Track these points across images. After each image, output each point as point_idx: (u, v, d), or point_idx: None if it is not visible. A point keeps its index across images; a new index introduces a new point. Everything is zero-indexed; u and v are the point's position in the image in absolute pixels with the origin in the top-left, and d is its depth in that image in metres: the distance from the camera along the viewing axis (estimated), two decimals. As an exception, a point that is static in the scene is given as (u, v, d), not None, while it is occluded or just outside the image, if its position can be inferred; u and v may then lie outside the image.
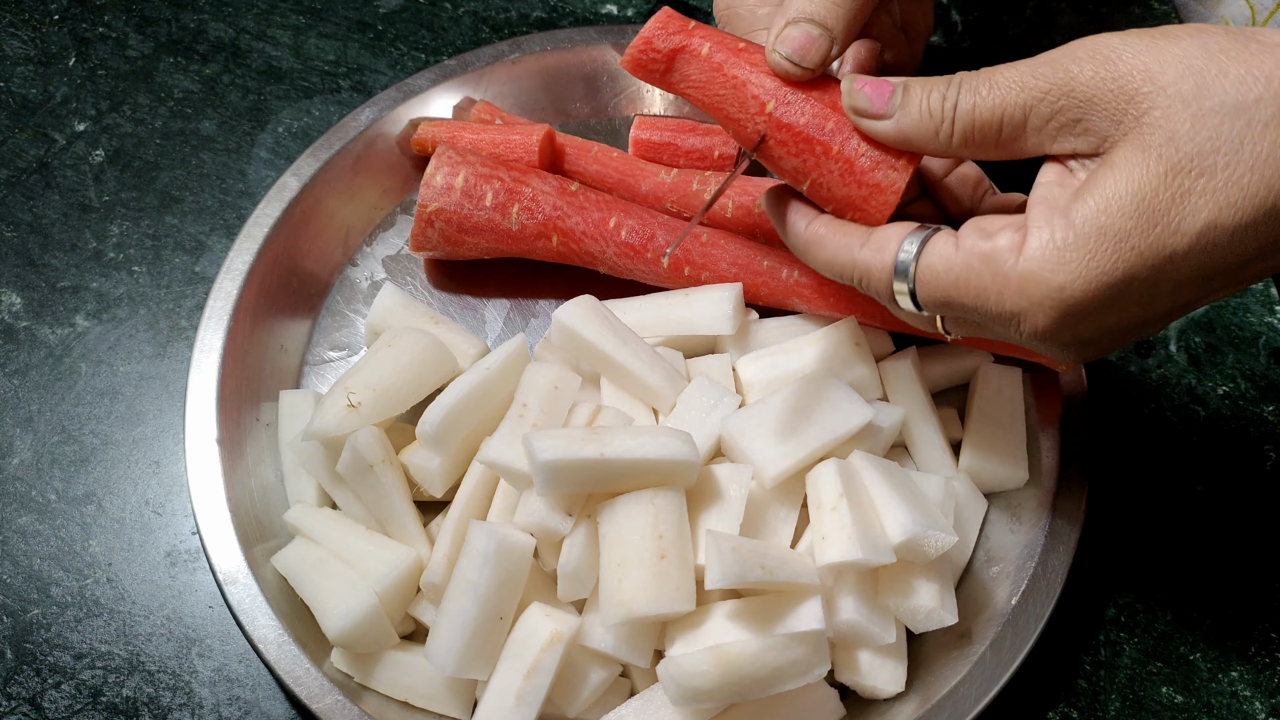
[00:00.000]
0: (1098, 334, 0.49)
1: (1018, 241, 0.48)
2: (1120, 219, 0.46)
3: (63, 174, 0.76)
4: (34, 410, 0.68)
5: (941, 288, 0.51)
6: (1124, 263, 0.46)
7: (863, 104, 0.52)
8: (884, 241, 0.53)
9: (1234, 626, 0.65)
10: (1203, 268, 0.46)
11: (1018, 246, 0.48)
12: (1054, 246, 0.47)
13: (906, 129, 0.52)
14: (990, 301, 0.49)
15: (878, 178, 0.54)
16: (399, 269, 0.73)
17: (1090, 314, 0.47)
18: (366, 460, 0.59)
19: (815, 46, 0.55)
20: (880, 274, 0.53)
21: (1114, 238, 0.46)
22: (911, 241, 0.52)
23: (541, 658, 0.55)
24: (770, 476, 0.59)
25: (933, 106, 0.51)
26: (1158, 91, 0.45)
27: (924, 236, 0.52)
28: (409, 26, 0.84)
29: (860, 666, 0.58)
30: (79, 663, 0.62)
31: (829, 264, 0.55)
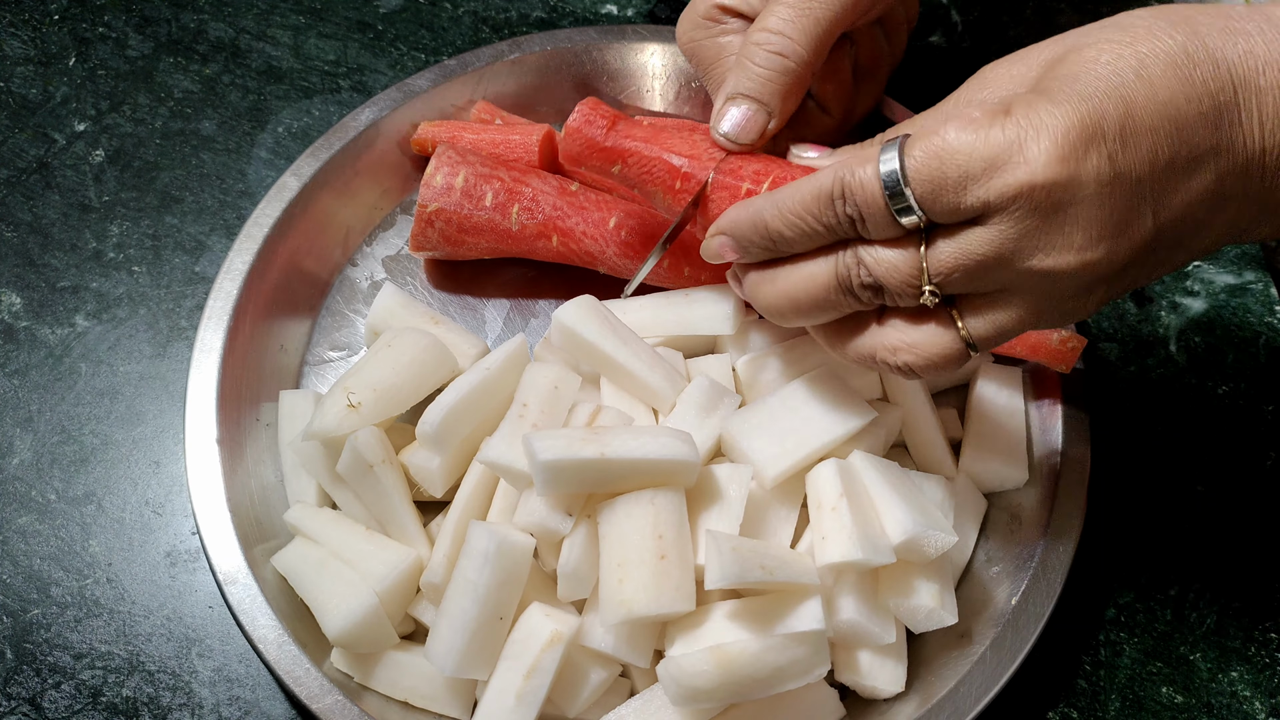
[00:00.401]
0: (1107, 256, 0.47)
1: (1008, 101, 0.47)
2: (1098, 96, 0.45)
3: (63, 174, 0.76)
4: (34, 410, 0.68)
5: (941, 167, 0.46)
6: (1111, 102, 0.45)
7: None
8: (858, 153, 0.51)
9: (1234, 626, 0.65)
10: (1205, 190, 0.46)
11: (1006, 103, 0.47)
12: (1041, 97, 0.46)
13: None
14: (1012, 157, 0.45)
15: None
16: (399, 269, 0.73)
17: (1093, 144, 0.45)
18: (366, 460, 0.59)
19: (753, 123, 0.58)
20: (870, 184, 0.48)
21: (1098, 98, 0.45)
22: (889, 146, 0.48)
23: (541, 658, 0.55)
24: (770, 477, 0.59)
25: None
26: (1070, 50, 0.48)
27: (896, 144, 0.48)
28: (409, 26, 0.84)
29: (860, 666, 0.58)
30: (79, 663, 0.62)
31: (804, 202, 0.50)
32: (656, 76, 0.78)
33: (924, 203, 0.47)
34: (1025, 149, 0.45)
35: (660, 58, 0.78)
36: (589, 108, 0.61)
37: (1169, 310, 0.74)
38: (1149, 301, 0.74)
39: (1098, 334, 0.73)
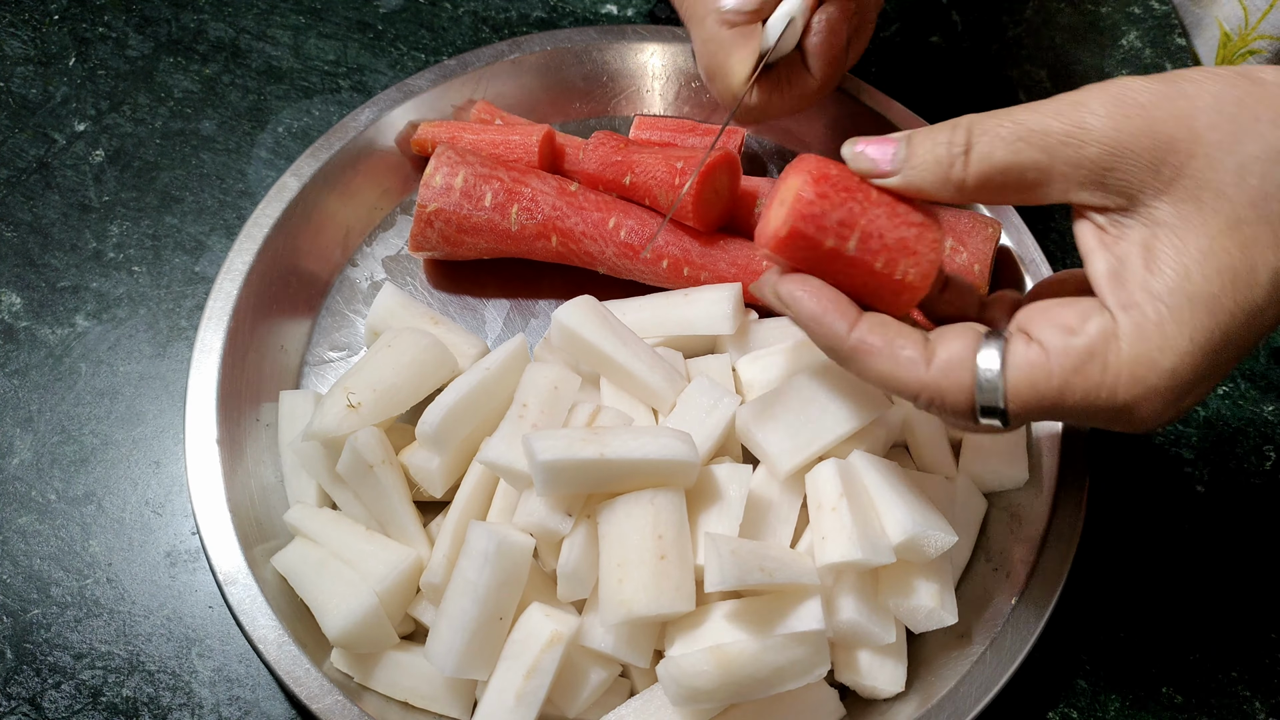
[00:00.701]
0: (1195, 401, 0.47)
1: (1109, 328, 0.46)
2: (1204, 283, 0.44)
3: (62, 174, 0.76)
4: (34, 410, 0.68)
5: (1042, 398, 0.47)
6: (1220, 326, 0.45)
7: (866, 166, 0.50)
8: (954, 360, 0.48)
9: (1234, 626, 0.65)
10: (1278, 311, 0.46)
11: (1112, 333, 0.45)
12: (1153, 326, 0.45)
13: (916, 180, 0.49)
14: (1101, 399, 0.46)
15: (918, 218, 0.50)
16: (399, 269, 0.73)
17: (1197, 384, 0.46)
18: (366, 461, 0.59)
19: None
20: (960, 397, 0.48)
21: (1205, 303, 0.44)
22: (988, 356, 0.48)
23: (541, 658, 0.55)
24: (784, 470, 0.59)
25: (939, 154, 0.48)
26: (1195, 139, 0.44)
27: (998, 347, 0.48)
28: (409, 26, 0.84)
29: (860, 666, 0.58)
30: (79, 663, 0.62)
31: (883, 379, 0.50)
32: (656, 77, 0.78)
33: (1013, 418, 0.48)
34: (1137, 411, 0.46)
35: (660, 58, 0.78)
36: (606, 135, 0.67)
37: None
38: None
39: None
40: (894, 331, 0.49)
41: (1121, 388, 0.46)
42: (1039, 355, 0.47)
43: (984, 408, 0.48)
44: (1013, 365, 0.47)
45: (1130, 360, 0.45)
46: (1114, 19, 0.86)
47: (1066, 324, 0.47)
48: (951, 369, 0.48)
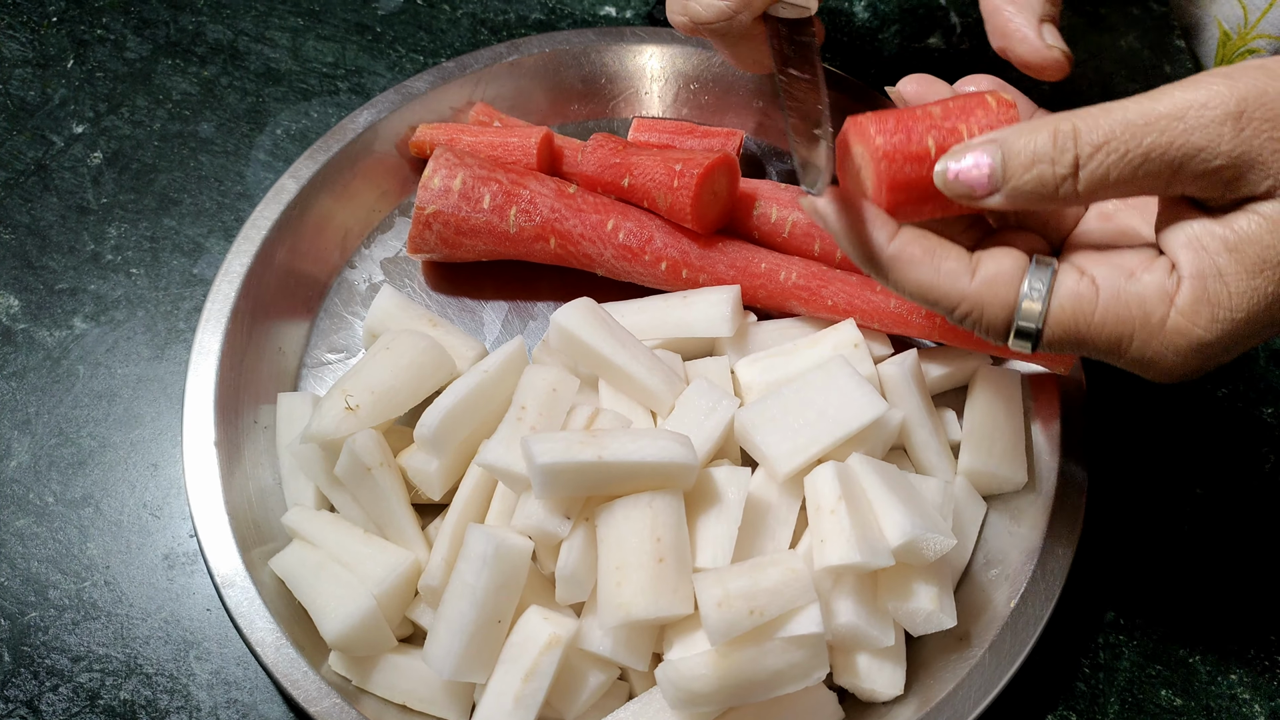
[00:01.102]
0: (1209, 366, 0.48)
1: (1169, 289, 0.46)
2: (1274, 283, 0.45)
3: (61, 176, 0.76)
4: (32, 413, 0.68)
5: (1078, 330, 0.47)
6: (1258, 314, 0.45)
7: (963, 192, 0.48)
8: (1001, 276, 0.48)
9: (1233, 629, 0.65)
10: None
11: (1169, 295, 0.46)
12: (1208, 304, 0.45)
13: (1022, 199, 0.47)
14: (1133, 348, 0.47)
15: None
16: (397, 271, 0.73)
17: (1216, 356, 0.47)
18: (364, 463, 0.59)
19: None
20: (1000, 313, 0.48)
21: (1263, 298, 0.45)
22: (1037, 278, 0.48)
23: (539, 661, 0.55)
24: (783, 472, 0.59)
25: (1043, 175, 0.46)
26: None
27: (1049, 273, 0.48)
28: (407, 28, 0.83)
29: (859, 669, 0.58)
30: (76, 665, 0.62)
31: (922, 289, 0.50)
32: (655, 79, 0.78)
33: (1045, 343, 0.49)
34: (1157, 365, 0.47)
35: (658, 60, 0.78)
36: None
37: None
38: None
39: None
40: (935, 243, 0.49)
41: (1154, 344, 0.47)
42: (1089, 290, 0.47)
43: (1020, 328, 0.48)
44: (1060, 293, 0.47)
45: (1174, 327, 0.46)
46: (1113, 20, 0.86)
47: (1128, 267, 0.47)
48: (997, 284, 0.48)
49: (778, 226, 0.70)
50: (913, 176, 0.50)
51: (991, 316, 0.49)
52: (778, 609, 0.54)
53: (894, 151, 0.49)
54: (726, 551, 0.57)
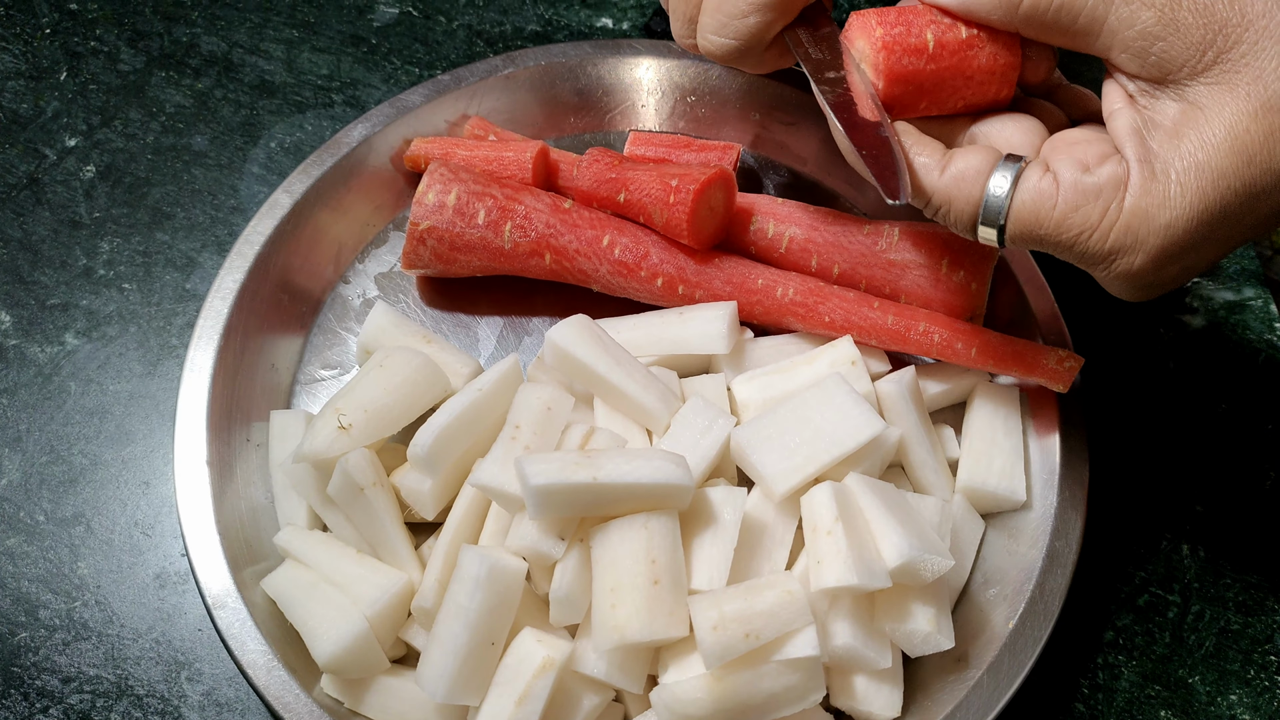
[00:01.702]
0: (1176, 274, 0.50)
1: (1121, 176, 0.48)
2: (1218, 157, 0.46)
3: (53, 190, 0.76)
4: (23, 430, 0.68)
5: (1038, 224, 0.50)
6: (1221, 200, 0.47)
7: None
8: (969, 172, 0.51)
9: (1233, 649, 0.65)
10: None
11: (1122, 181, 0.48)
12: (1160, 184, 0.47)
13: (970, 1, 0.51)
14: (1090, 239, 0.49)
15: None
16: (391, 286, 0.73)
17: (1181, 253, 0.48)
18: (357, 483, 0.59)
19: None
20: (965, 207, 0.51)
21: (1213, 174, 0.46)
22: (1003, 175, 0.50)
23: (534, 684, 0.54)
24: (780, 492, 0.58)
25: None
26: (1245, 25, 0.46)
27: (1015, 170, 0.50)
28: (403, 40, 0.83)
29: (856, 691, 0.58)
30: (67, 686, 0.61)
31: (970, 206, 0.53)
32: (651, 92, 0.78)
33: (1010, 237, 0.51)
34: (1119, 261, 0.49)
35: (655, 72, 0.77)
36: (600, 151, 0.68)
37: (1167, 327, 0.74)
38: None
39: (1095, 352, 0.73)
40: (912, 139, 0.53)
41: (1114, 233, 0.48)
42: (1050, 185, 0.49)
43: (985, 220, 0.51)
44: (1023, 188, 0.50)
45: (1130, 210, 0.48)
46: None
47: (1083, 161, 0.49)
48: (964, 180, 0.51)
49: (775, 242, 0.69)
50: (910, 69, 0.53)
51: (959, 210, 0.52)
52: (774, 632, 0.53)
53: (893, 43, 0.53)
54: (722, 573, 0.56)
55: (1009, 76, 0.54)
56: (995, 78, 0.54)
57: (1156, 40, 0.47)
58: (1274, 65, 0.46)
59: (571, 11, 0.85)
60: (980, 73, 0.53)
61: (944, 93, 0.54)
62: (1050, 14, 0.49)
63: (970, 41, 0.53)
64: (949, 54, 0.53)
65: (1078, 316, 0.73)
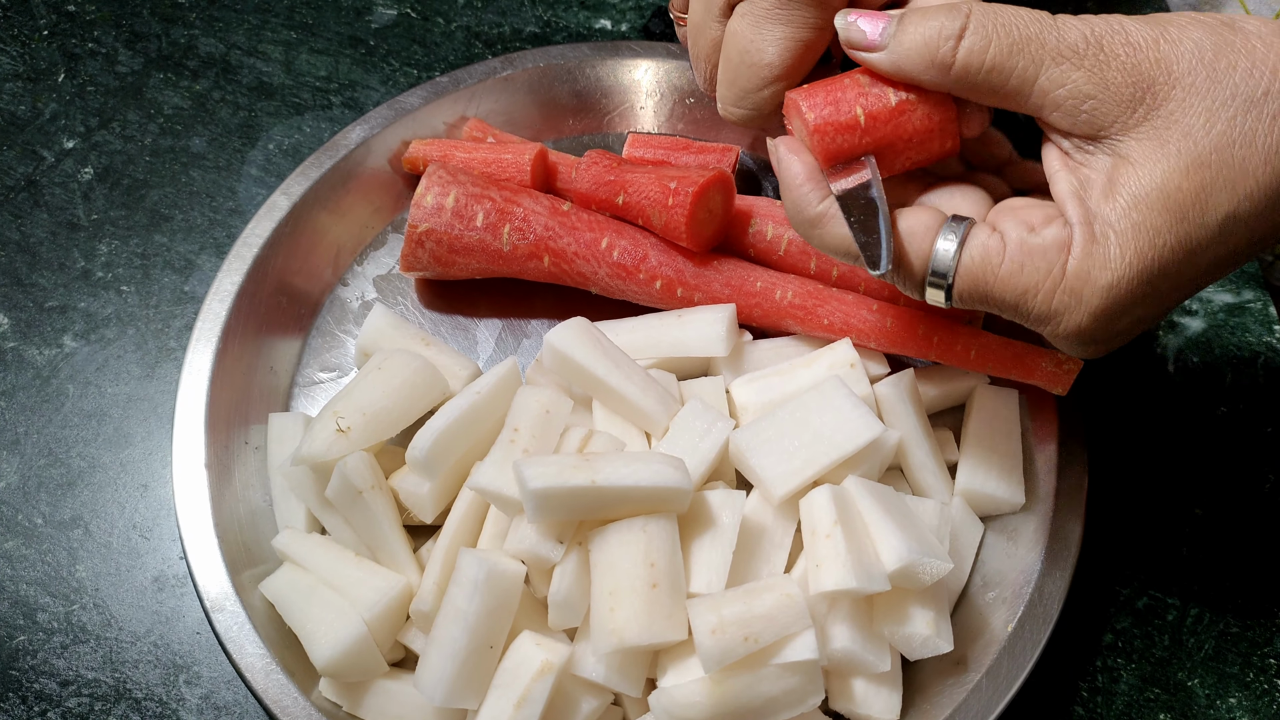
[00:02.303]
0: (1123, 329, 0.50)
1: (1065, 239, 0.48)
2: (1152, 215, 0.47)
3: (51, 192, 0.76)
4: (21, 432, 0.68)
5: (985, 282, 0.50)
6: (1159, 258, 0.47)
7: (857, 37, 0.51)
8: (917, 229, 0.51)
9: (1232, 652, 0.65)
10: (1219, 256, 0.48)
11: (1065, 243, 0.48)
12: (1100, 245, 0.47)
13: (900, 61, 0.50)
14: (1035, 299, 0.49)
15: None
16: (390, 288, 0.73)
17: (1124, 310, 0.49)
18: (356, 486, 0.59)
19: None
20: (915, 263, 0.51)
21: (1149, 233, 0.47)
22: (951, 233, 0.50)
23: (532, 687, 0.54)
24: (779, 495, 0.58)
25: (928, 35, 0.49)
26: (1172, 82, 0.47)
27: (963, 229, 0.50)
28: (401, 42, 0.83)
29: (855, 695, 0.58)
30: (65, 690, 0.61)
31: (844, 244, 0.52)
32: (650, 94, 0.78)
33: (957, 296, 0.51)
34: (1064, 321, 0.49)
35: (653, 74, 0.77)
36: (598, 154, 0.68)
37: (1166, 330, 0.74)
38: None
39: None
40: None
41: (1058, 294, 0.49)
42: (997, 244, 0.49)
43: (934, 277, 0.51)
44: (971, 245, 0.50)
45: (1073, 272, 0.48)
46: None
47: (1030, 222, 0.50)
48: (913, 237, 0.51)
49: (774, 244, 0.69)
50: (846, 146, 0.53)
51: (908, 268, 0.51)
52: (772, 635, 0.53)
53: (824, 124, 0.52)
54: (721, 576, 0.56)
55: (948, 129, 0.53)
56: (934, 134, 0.53)
57: (1087, 99, 0.48)
58: (1201, 122, 0.46)
59: (570, 13, 0.85)
60: (918, 134, 0.53)
61: (886, 158, 0.53)
62: (981, 75, 0.49)
63: (901, 107, 0.52)
64: (882, 124, 0.52)
65: (1077, 319, 0.73)
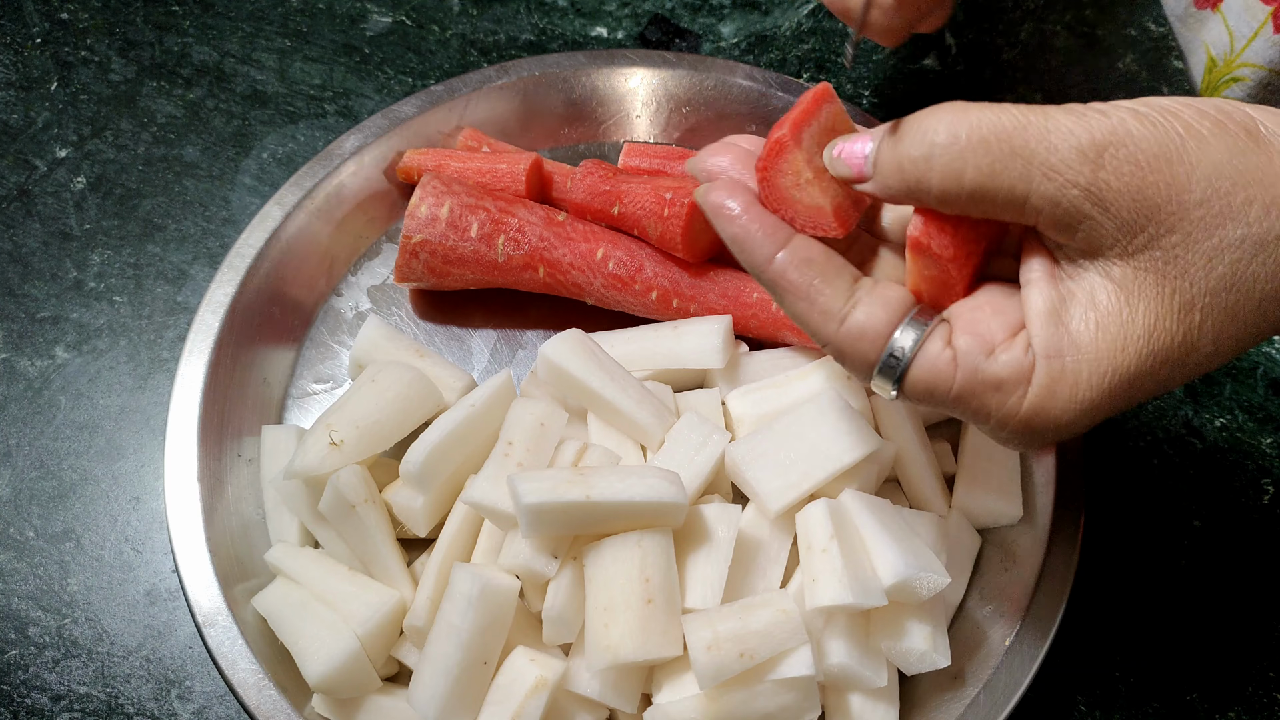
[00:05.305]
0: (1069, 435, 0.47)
1: (1024, 371, 0.44)
2: (1135, 361, 0.43)
3: (43, 201, 0.75)
4: (12, 445, 0.67)
5: (933, 397, 0.46)
6: (1128, 396, 0.44)
7: (844, 171, 0.47)
8: (869, 331, 0.46)
9: (1232, 665, 0.64)
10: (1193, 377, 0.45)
11: (1024, 377, 0.44)
12: (1067, 384, 0.44)
13: (883, 190, 0.46)
14: (986, 425, 0.46)
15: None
16: (384, 298, 0.72)
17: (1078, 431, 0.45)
18: (349, 500, 0.58)
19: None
20: (859, 364, 0.47)
21: (1126, 379, 0.43)
22: (903, 341, 0.46)
23: (526, 704, 0.54)
24: (775, 509, 0.58)
25: (900, 163, 0.45)
26: (1180, 215, 0.42)
27: (916, 335, 0.46)
28: (396, 50, 0.82)
29: (852, 710, 0.57)
30: (56, 705, 0.61)
31: (800, 320, 0.48)
32: (646, 102, 0.77)
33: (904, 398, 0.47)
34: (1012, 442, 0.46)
35: (650, 83, 0.77)
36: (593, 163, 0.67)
37: (1165, 340, 0.73)
38: None
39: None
40: (816, 272, 0.47)
41: (1010, 424, 0.45)
42: (948, 365, 0.45)
43: (880, 380, 0.47)
44: (919, 362, 0.45)
45: (1029, 409, 0.44)
46: (1110, 41, 0.85)
47: (988, 341, 0.45)
48: (862, 338, 0.46)
49: (770, 254, 0.69)
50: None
51: (853, 365, 0.47)
52: (768, 651, 0.53)
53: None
54: (716, 592, 0.56)
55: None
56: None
57: (1084, 219, 0.43)
58: (1203, 263, 0.42)
59: (566, 21, 0.84)
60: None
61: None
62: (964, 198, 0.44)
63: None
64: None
65: (1075, 329, 0.73)
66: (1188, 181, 0.42)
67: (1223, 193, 0.41)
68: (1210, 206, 0.41)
